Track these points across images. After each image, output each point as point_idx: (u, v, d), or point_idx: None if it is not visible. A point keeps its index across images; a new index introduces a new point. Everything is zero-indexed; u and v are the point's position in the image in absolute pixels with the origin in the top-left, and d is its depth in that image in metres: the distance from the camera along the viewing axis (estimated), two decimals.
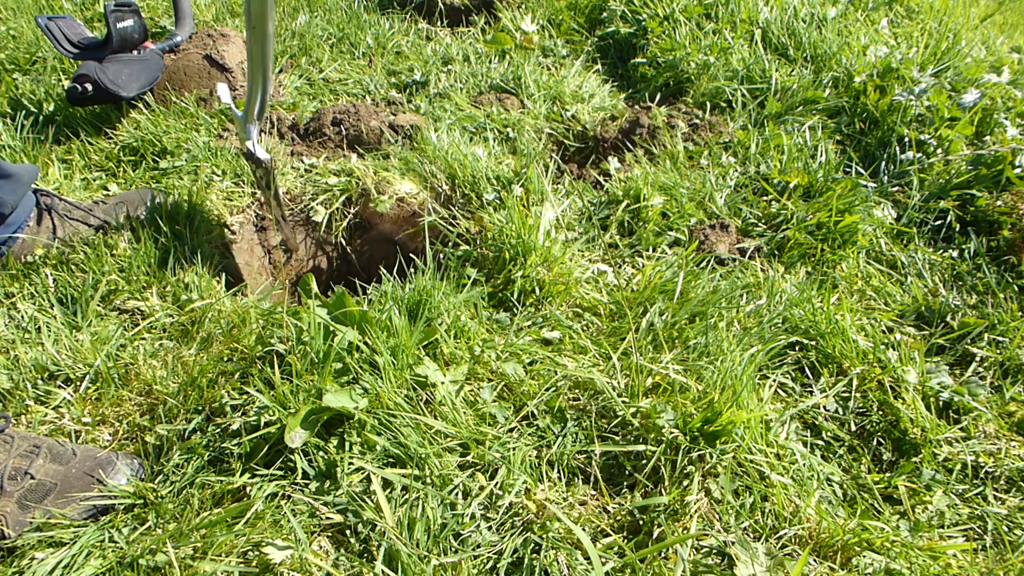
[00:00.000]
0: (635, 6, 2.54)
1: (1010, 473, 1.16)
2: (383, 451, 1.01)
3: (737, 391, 1.07)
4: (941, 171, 1.78)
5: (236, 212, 1.69)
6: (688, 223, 1.64)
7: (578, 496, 1.01)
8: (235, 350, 1.17)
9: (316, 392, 1.03)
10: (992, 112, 1.88)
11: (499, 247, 1.42)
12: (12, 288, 1.28)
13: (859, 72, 2.10)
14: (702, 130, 1.96)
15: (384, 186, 1.74)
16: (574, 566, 0.91)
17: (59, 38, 1.70)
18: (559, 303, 1.36)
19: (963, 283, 1.56)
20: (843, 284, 1.53)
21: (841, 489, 1.11)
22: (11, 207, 1.35)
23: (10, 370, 1.13)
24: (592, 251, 1.56)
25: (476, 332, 1.24)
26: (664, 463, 1.03)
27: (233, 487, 0.97)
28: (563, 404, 1.13)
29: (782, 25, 2.41)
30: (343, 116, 1.94)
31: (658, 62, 2.32)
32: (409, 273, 1.37)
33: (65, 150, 1.80)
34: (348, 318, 1.14)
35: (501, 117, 1.97)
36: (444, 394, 1.09)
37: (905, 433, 1.19)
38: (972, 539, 1.07)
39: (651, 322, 1.27)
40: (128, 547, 0.88)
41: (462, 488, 0.98)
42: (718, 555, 0.95)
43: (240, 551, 0.89)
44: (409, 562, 0.88)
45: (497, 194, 1.62)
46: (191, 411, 1.08)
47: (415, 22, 2.73)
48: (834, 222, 1.59)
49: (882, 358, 1.28)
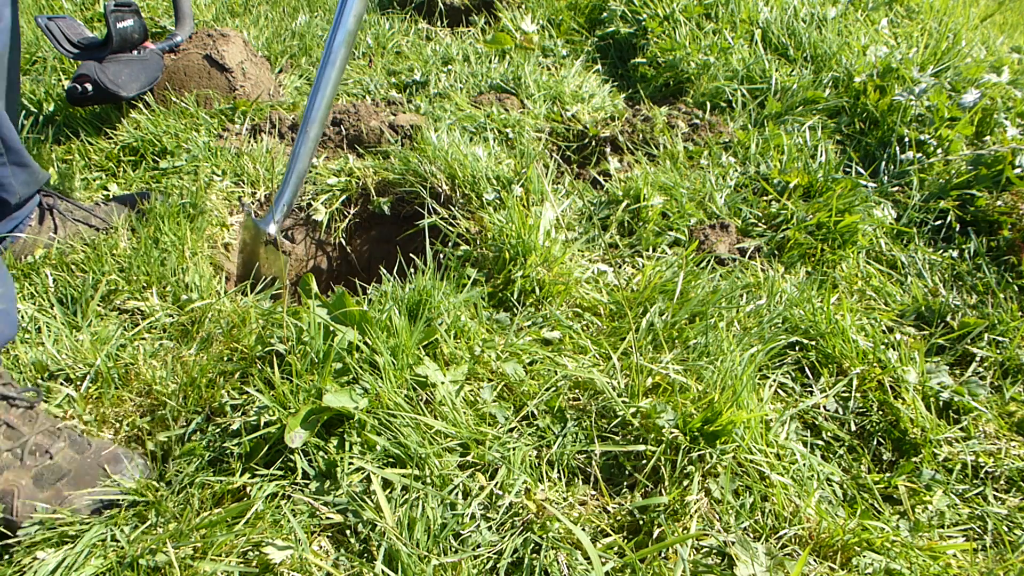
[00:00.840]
0: (635, 6, 2.54)
1: (1010, 473, 1.16)
2: (383, 451, 1.01)
3: (737, 391, 1.07)
4: (941, 171, 1.78)
5: (236, 212, 1.69)
6: (688, 223, 1.64)
7: (578, 496, 1.01)
8: (235, 350, 1.17)
9: (316, 392, 1.03)
10: (992, 112, 1.88)
11: (499, 247, 1.42)
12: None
13: (859, 72, 2.10)
14: (702, 130, 1.96)
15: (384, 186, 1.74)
16: (574, 566, 0.91)
17: (59, 38, 1.70)
18: (559, 303, 1.36)
19: (963, 283, 1.56)
20: (843, 284, 1.53)
21: (841, 489, 1.11)
22: (19, 198, 1.35)
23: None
24: (592, 251, 1.56)
25: (476, 332, 1.24)
26: (664, 463, 1.03)
27: (233, 487, 0.97)
28: (563, 404, 1.13)
29: (782, 25, 2.41)
30: (343, 116, 1.94)
31: (658, 62, 2.32)
32: (409, 273, 1.37)
33: (65, 150, 1.80)
34: (348, 318, 1.14)
35: (501, 117, 1.97)
36: (444, 394, 1.09)
37: (905, 433, 1.19)
38: (972, 539, 1.07)
39: (651, 322, 1.27)
40: (129, 546, 0.89)
41: (462, 488, 0.98)
42: (718, 555, 0.95)
43: (240, 551, 0.89)
44: (409, 562, 0.88)
45: (497, 194, 1.62)
46: (191, 411, 1.08)
47: (415, 22, 2.73)
48: (834, 222, 1.59)
49: (882, 358, 1.28)
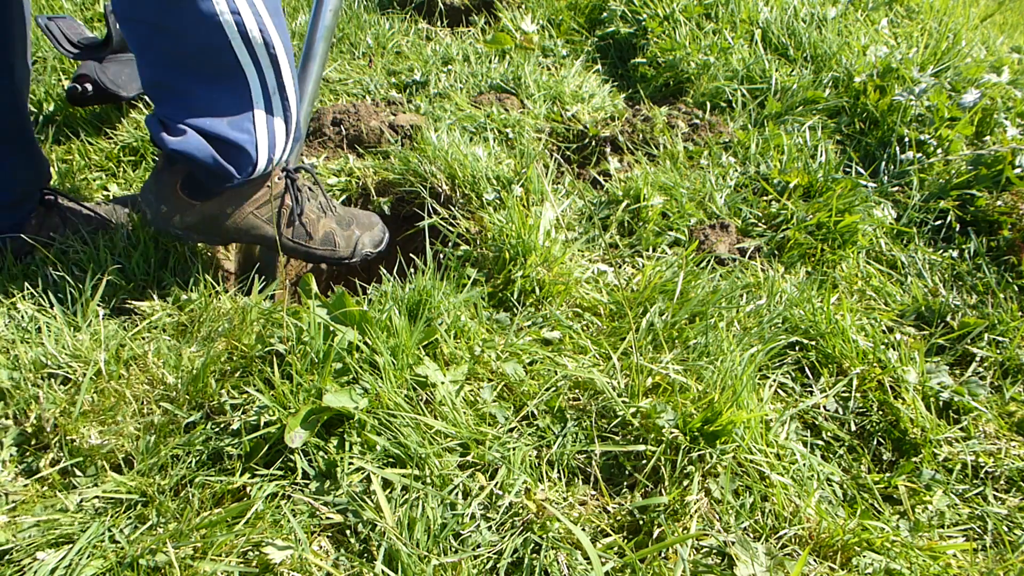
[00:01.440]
0: (635, 6, 2.54)
1: (1010, 473, 1.16)
2: (383, 451, 1.01)
3: (737, 391, 1.07)
4: (941, 171, 1.78)
5: None
6: (688, 223, 1.64)
7: (578, 496, 1.01)
8: (235, 349, 1.17)
9: (316, 392, 1.03)
10: (992, 112, 1.89)
11: (499, 247, 1.42)
12: (12, 288, 1.28)
13: (859, 72, 2.10)
14: (702, 130, 1.96)
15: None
16: (574, 566, 0.91)
17: (59, 38, 1.70)
18: (559, 303, 1.36)
19: (963, 283, 1.56)
20: (843, 284, 1.53)
21: (841, 489, 1.11)
22: (26, 191, 1.38)
23: (11, 369, 1.13)
24: (592, 251, 1.56)
25: (476, 332, 1.24)
26: (664, 463, 1.03)
27: (233, 487, 0.97)
28: (563, 404, 1.13)
29: (782, 25, 2.41)
30: (343, 116, 1.94)
31: (658, 62, 2.32)
32: (409, 273, 1.37)
33: (65, 150, 1.80)
34: (348, 318, 1.14)
35: (501, 117, 1.97)
36: (444, 394, 1.09)
37: (905, 433, 1.19)
38: (972, 539, 1.07)
39: (651, 322, 1.27)
40: (129, 547, 0.88)
41: (462, 488, 0.98)
42: (718, 555, 0.95)
43: (240, 551, 0.89)
44: (409, 562, 0.88)
45: (497, 194, 1.62)
46: (191, 411, 1.08)
47: (415, 22, 2.73)
48: (834, 222, 1.59)
49: (882, 358, 1.28)
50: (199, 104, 1.15)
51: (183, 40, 1.09)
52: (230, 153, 1.19)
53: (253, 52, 1.12)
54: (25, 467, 1.00)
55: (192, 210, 1.28)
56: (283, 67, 1.18)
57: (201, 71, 1.13)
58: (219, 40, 1.08)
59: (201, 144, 1.15)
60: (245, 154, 1.20)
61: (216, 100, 1.15)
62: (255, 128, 1.19)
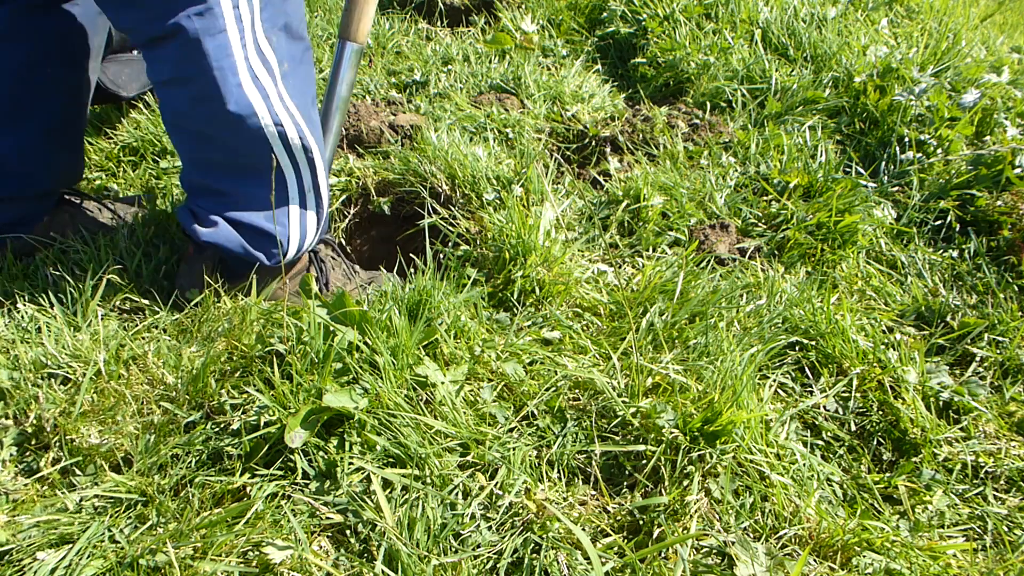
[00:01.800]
0: (635, 6, 2.54)
1: (1010, 473, 1.16)
2: (383, 451, 1.01)
3: (737, 391, 1.07)
4: (941, 171, 1.78)
5: None
6: (688, 223, 1.64)
7: (578, 496, 1.01)
8: (235, 349, 1.17)
9: (316, 392, 1.03)
10: (992, 112, 1.89)
11: (499, 247, 1.42)
12: (12, 288, 1.28)
13: (859, 72, 2.10)
14: (702, 130, 1.96)
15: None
16: (574, 566, 0.91)
17: None
18: (559, 303, 1.36)
19: (963, 283, 1.56)
20: (843, 284, 1.53)
21: (841, 489, 1.11)
22: (55, 187, 1.40)
23: (11, 369, 1.13)
24: (592, 251, 1.56)
25: (476, 332, 1.25)
26: (664, 463, 1.03)
27: (233, 487, 0.97)
28: (563, 404, 1.13)
29: (782, 25, 2.41)
30: None
31: (658, 62, 2.32)
32: (409, 273, 1.37)
33: None
34: (348, 318, 1.14)
35: (501, 117, 1.97)
36: (444, 394, 1.09)
37: (905, 433, 1.19)
38: (972, 539, 1.07)
39: (651, 322, 1.27)
40: (129, 547, 0.88)
41: (462, 488, 0.98)
42: (718, 555, 0.95)
43: (240, 551, 0.89)
44: (409, 562, 0.88)
45: (497, 194, 1.62)
46: (191, 411, 1.08)
47: (415, 22, 2.73)
48: (834, 222, 1.59)
49: (882, 358, 1.28)
50: (238, 200, 1.23)
51: (229, 148, 1.17)
52: (261, 242, 1.26)
53: (293, 156, 1.21)
54: (25, 467, 1.00)
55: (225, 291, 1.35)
56: (318, 167, 1.26)
57: (245, 175, 1.20)
58: (263, 148, 1.16)
59: (231, 235, 1.22)
60: (276, 243, 1.27)
61: (254, 197, 1.22)
62: (289, 221, 1.27)
